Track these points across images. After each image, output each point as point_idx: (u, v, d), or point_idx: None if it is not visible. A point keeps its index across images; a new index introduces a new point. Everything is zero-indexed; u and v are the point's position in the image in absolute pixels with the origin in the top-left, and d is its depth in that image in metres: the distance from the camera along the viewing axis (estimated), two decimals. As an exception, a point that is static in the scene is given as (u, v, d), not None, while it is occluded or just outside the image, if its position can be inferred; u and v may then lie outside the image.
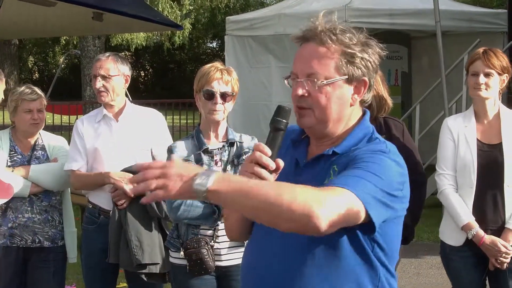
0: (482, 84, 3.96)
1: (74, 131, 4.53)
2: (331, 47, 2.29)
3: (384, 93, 4.05)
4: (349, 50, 2.30)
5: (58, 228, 4.59)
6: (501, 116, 4.03)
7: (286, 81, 2.38)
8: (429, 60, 12.93)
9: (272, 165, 2.19)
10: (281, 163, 2.22)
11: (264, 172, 2.19)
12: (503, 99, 11.12)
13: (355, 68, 2.31)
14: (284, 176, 2.26)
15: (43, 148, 4.60)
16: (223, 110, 3.77)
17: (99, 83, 4.41)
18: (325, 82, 2.27)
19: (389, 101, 4.04)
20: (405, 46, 13.43)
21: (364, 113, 2.43)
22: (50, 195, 4.55)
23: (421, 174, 4.06)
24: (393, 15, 11.09)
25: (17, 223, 4.47)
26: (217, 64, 3.82)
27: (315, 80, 2.28)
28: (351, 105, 2.34)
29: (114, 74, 4.43)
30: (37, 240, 4.50)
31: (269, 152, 2.20)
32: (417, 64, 13.59)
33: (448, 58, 9.54)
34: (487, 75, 3.96)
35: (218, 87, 3.73)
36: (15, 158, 4.53)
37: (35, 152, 4.57)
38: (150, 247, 4.22)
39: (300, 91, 2.29)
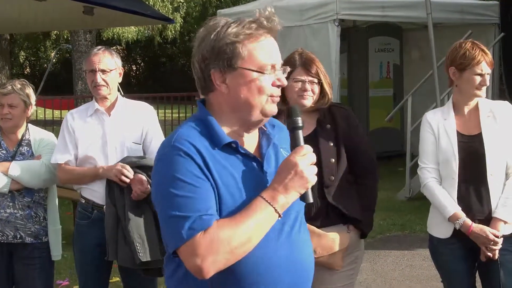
0: (487, 85, 3.99)
1: (63, 125, 4.49)
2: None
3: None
4: None
5: (43, 224, 4.54)
6: (480, 107, 4.04)
7: (279, 72, 2.39)
8: (420, 52, 12.95)
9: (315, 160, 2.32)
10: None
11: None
12: (495, 90, 11.17)
13: None
14: (261, 175, 2.35)
15: (28, 144, 4.57)
16: None
17: (99, 77, 4.39)
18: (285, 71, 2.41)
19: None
20: (397, 39, 13.45)
21: None
22: (32, 191, 4.51)
23: (371, 161, 3.95)
24: (384, 8, 11.09)
25: None
26: None
27: (286, 71, 2.40)
28: None
29: (113, 68, 4.43)
30: (18, 236, 4.46)
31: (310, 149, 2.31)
32: (408, 56, 13.61)
33: (439, 50, 9.54)
34: (488, 74, 3.99)
35: None
36: None
37: (20, 148, 4.54)
38: (150, 244, 4.18)
39: (286, 82, 2.40)
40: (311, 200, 2.29)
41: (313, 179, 2.26)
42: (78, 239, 4.52)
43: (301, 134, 2.34)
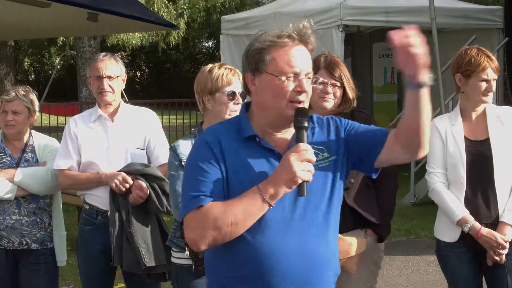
0: (493, 91, 4.02)
1: (66, 131, 4.49)
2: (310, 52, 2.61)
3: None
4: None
5: (48, 230, 4.53)
6: (487, 112, 4.07)
7: (304, 79, 2.52)
8: (425, 58, 12.91)
9: (314, 159, 2.43)
10: None
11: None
12: (499, 95, 11.18)
13: None
14: None
15: (33, 151, 4.56)
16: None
17: (106, 83, 4.40)
18: (314, 80, 2.57)
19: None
20: (401, 44, 13.42)
21: None
22: (38, 198, 4.50)
23: (390, 165, 3.97)
24: (388, 13, 11.10)
25: (4, 225, 4.43)
26: (226, 65, 3.77)
27: (312, 78, 2.55)
28: None
29: (118, 74, 4.47)
30: (24, 243, 4.46)
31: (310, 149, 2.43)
32: (413, 61, 13.58)
33: (443, 55, 9.54)
34: (494, 79, 4.01)
35: (237, 87, 3.69)
36: (4, 160, 4.50)
37: (25, 155, 4.53)
38: (155, 249, 4.19)
39: (308, 89, 2.53)
40: (304, 194, 2.42)
41: (302, 175, 2.38)
42: (82, 245, 4.51)
43: (304, 133, 2.45)
